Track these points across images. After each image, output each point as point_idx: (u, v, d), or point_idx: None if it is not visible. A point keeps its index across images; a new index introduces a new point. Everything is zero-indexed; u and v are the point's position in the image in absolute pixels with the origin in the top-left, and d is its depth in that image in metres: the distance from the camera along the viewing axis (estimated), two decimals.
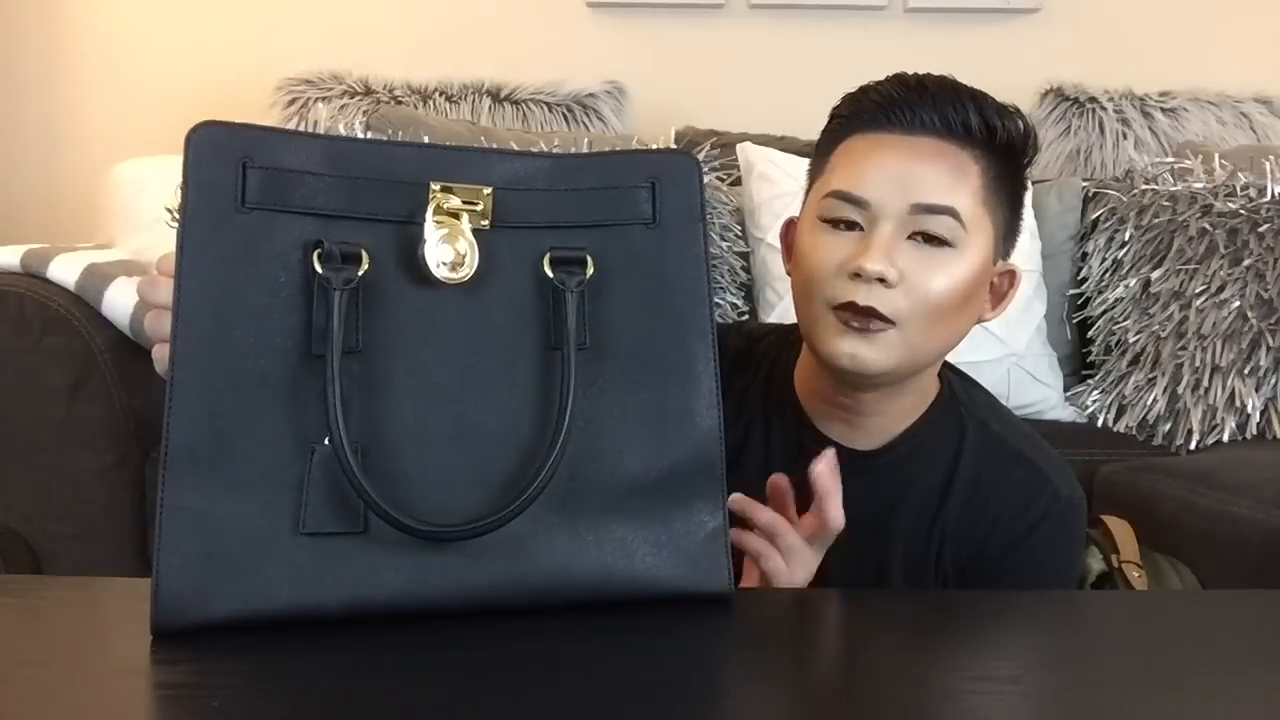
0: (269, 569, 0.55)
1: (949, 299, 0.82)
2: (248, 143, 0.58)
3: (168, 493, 0.55)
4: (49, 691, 0.51)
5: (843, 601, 0.75)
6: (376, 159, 0.60)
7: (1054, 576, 0.91)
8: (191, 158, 0.57)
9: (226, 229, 0.57)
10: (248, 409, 0.56)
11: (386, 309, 0.59)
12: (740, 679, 0.57)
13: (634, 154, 0.66)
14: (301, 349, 0.57)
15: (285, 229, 0.58)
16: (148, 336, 0.65)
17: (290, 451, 0.56)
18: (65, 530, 1.56)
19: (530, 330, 0.61)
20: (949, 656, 0.61)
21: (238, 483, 0.56)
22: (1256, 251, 1.68)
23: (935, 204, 0.81)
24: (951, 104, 0.83)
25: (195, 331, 0.56)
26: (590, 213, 0.63)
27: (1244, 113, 2.12)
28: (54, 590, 0.68)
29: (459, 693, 0.51)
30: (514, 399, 0.60)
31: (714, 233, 1.72)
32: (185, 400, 0.56)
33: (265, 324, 0.57)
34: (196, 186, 0.57)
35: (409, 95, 2.11)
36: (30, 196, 2.34)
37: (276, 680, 0.53)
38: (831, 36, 2.29)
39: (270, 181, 0.58)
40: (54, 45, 2.34)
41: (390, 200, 0.59)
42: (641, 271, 0.64)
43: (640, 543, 0.61)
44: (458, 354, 0.60)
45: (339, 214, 0.59)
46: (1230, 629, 0.66)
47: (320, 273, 0.57)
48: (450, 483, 0.58)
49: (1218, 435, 1.66)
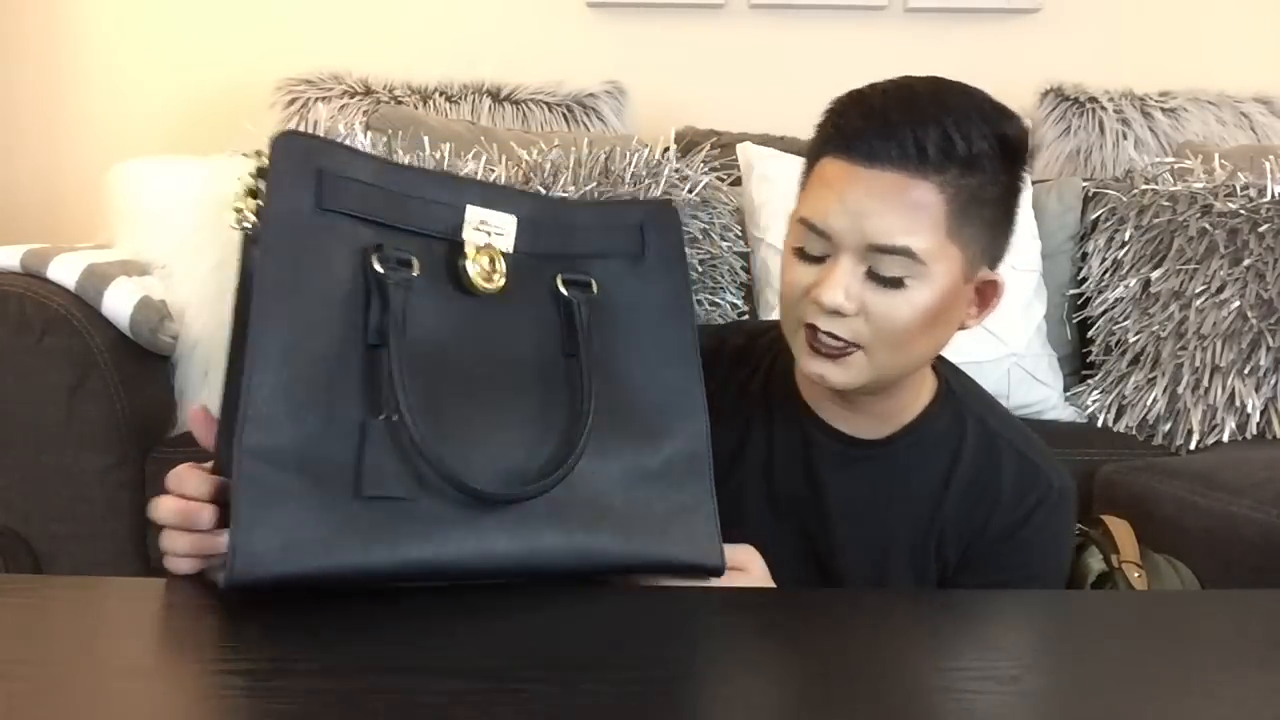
0: (332, 530, 0.61)
1: (911, 325, 0.83)
2: (321, 153, 0.67)
3: (244, 461, 0.60)
4: (49, 691, 0.51)
5: (842, 601, 0.75)
6: (421, 180, 0.70)
7: (1047, 560, 0.95)
8: (275, 163, 0.65)
9: (302, 227, 0.65)
10: (314, 382, 0.63)
11: (429, 309, 0.67)
12: (739, 678, 0.57)
13: (627, 203, 0.86)
14: (359, 337, 0.64)
15: (349, 232, 0.66)
16: (163, 552, 0.67)
17: (351, 423, 0.63)
18: (65, 530, 1.56)
19: (550, 336, 0.71)
20: (949, 656, 0.61)
21: (305, 451, 0.61)
22: (1256, 251, 1.68)
23: (889, 245, 0.81)
24: (912, 132, 0.80)
25: (271, 310, 0.63)
26: (591, 246, 0.75)
27: (1244, 113, 2.12)
28: (54, 590, 0.68)
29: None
30: (538, 392, 0.70)
31: (714, 233, 1.72)
32: (263, 372, 0.62)
33: (330, 311, 0.64)
34: (278, 189, 0.64)
35: (409, 95, 2.11)
36: (30, 196, 2.34)
37: (285, 679, 0.53)
38: (831, 36, 2.29)
39: (339, 189, 0.66)
40: (54, 45, 2.34)
41: (434, 217, 0.69)
42: (631, 297, 0.75)
43: (643, 523, 0.70)
44: (490, 352, 0.69)
45: (391, 224, 0.67)
46: (1230, 629, 0.66)
47: (380, 272, 0.65)
48: (490, 457, 0.66)
49: (1218, 435, 1.66)
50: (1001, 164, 0.83)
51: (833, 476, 0.94)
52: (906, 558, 0.93)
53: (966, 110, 0.82)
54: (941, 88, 0.84)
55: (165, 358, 1.68)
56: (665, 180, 1.66)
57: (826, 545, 0.94)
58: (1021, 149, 0.86)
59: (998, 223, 0.86)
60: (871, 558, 0.93)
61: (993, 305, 0.90)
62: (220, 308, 1.67)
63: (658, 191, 1.65)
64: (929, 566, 0.93)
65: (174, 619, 0.63)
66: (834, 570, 0.94)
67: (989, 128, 0.82)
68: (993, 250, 0.87)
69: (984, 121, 0.82)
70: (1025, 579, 0.92)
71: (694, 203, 1.68)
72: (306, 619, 0.59)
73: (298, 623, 0.58)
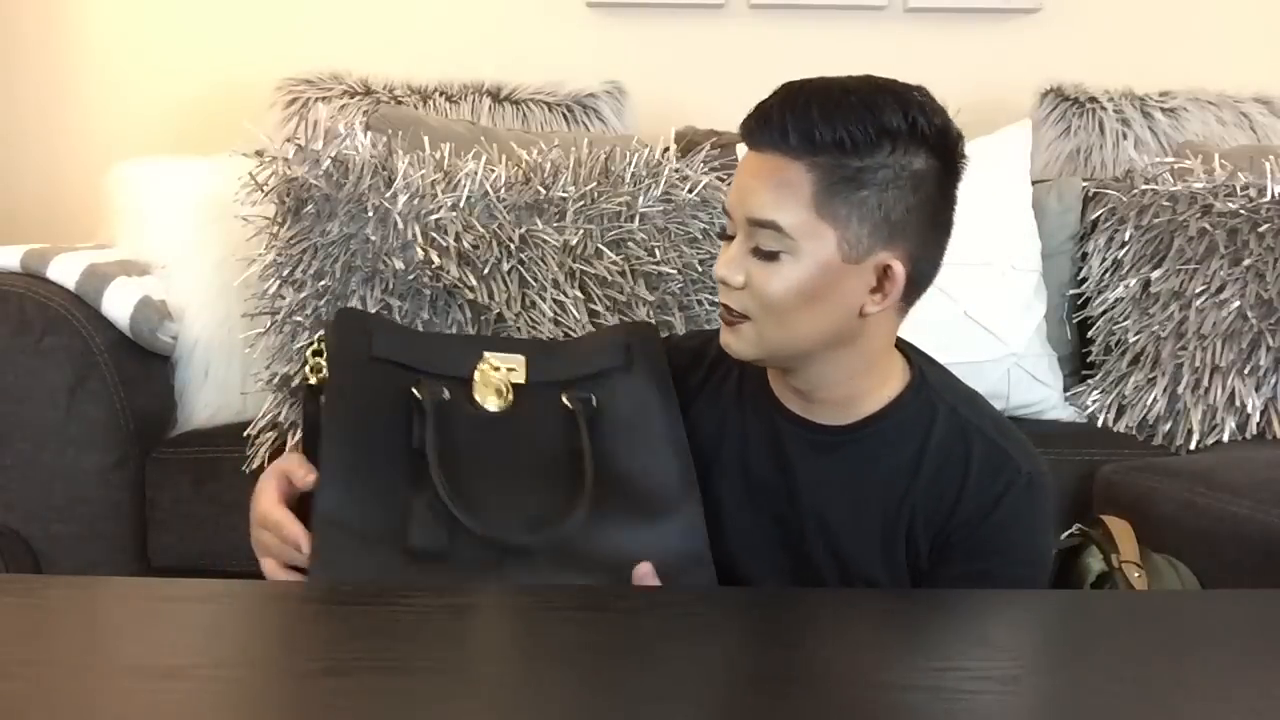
0: (383, 571, 0.82)
1: (788, 299, 0.89)
2: (369, 321, 0.98)
3: (318, 519, 0.84)
4: (50, 690, 0.51)
5: (841, 602, 0.75)
6: (447, 339, 1.02)
7: (1017, 548, 0.95)
8: (338, 325, 0.94)
9: (361, 371, 0.91)
10: (372, 472, 0.86)
11: (458, 424, 0.90)
12: (737, 679, 0.57)
13: (613, 328, 1.09)
14: (405, 443, 0.88)
15: (394, 372, 0.92)
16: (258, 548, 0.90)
17: (398, 498, 0.85)
18: (65, 530, 1.56)
19: (557, 438, 0.92)
20: (948, 657, 0.61)
21: (364, 514, 0.84)
22: (1256, 251, 1.68)
23: (759, 218, 0.89)
24: (791, 117, 0.87)
25: (341, 428, 0.88)
26: (589, 367, 0.97)
27: (1244, 113, 2.12)
28: (54, 590, 0.68)
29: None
30: (546, 476, 0.90)
31: (714, 233, 1.72)
32: (336, 465, 0.86)
33: (384, 425, 0.89)
34: (340, 346, 0.92)
35: (409, 95, 2.10)
36: (30, 196, 2.33)
37: (285, 679, 0.53)
38: (831, 36, 2.29)
39: (384, 343, 0.93)
40: (54, 45, 2.33)
41: (455, 361, 0.94)
42: (624, 400, 0.96)
43: (648, 545, 0.89)
44: (507, 451, 0.91)
45: (424, 368, 0.92)
46: (1230, 629, 0.67)
47: (420, 398, 0.89)
48: (508, 521, 0.86)
49: (1218, 435, 1.66)
50: (897, 148, 0.88)
51: (801, 463, 0.97)
52: (877, 543, 0.95)
53: (850, 101, 0.87)
54: (842, 83, 0.89)
55: (165, 358, 1.68)
56: (665, 180, 1.66)
57: (798, 531, 0.96)
58: (934, 140, 0.89)
59: (894, 205, 0.88)
60: (841, 543, 0.96)
61: (892, 292, 0.90)
62: (220, 307, 1.67)
63: (658, 192, 1.65)
64: (899, 553, 0.95)
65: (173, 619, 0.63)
66: (806, 556, 0.96)
67: (883, 116, 0.87)
68: (890, 233, 0.89)
69: (874, 110, 0.87)
70: (999, 567, 0.92)
71: (694, 203, 1.68)
72: (306, 620, 0.59)
73: (298, 623, 0.58)
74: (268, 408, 1.57)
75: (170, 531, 1.57)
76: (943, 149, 0.90)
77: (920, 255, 0.91)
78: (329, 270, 1.54)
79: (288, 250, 1.56)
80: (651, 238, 1.62)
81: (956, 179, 0.92)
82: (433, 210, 1.56)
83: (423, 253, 1.53)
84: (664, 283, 1.62)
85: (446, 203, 1.57)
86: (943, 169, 0.90)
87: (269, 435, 1.56)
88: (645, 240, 1.62)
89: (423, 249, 1.53)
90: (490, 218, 1.59)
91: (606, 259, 1.59)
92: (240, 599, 0.66)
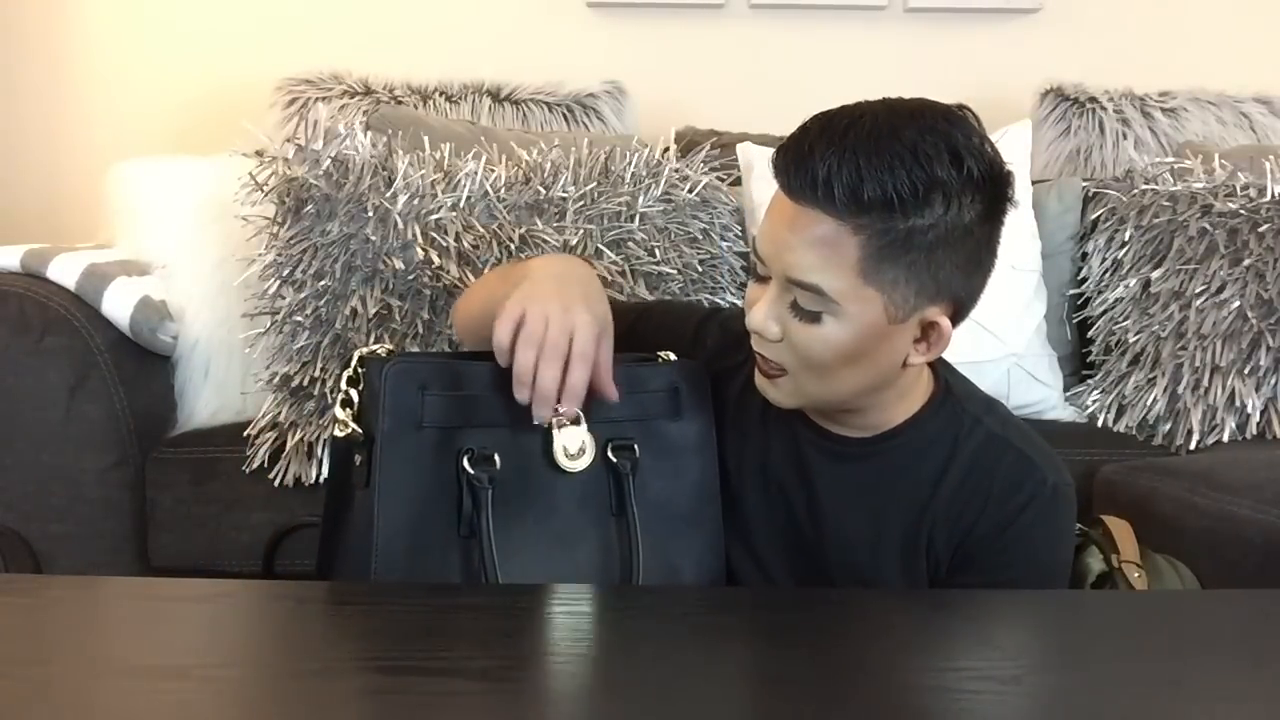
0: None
1: (829, 359, 0.85)
2: (422, 372, 0.88)
3: (379, 570, 0.84)
4: (49, 690, 0.51)
5: (843, 602, 0.75)
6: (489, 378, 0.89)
7: (1042, 560, 0.94)
8: (387, 378, 0.86)
9: (412, 428, 0.86)
10: (425, 530, 0.86)
11: (515, 487, 0.88)
12: (741, 679, 0.57)
13: (657, 366, 0.98)
14: (455, 497, 0.86)
15: (446, 436, 0.87)
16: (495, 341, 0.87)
17: (454, 557, 0.86)
18: (65, 530, 1.55)
19: (601, 493, 0.91)
20: (950, 656, 0.61)
21: (422, 567, 0.85)
22: (1256, 251, 1.68)
23: (800, 281, 0.83)
24: (833, 169, 0.79)
25: (393, 491, 0.85)
26: (632, 411, 0.93)
27: (1244, 113, 2.12)
28: (54, 590, 0.68)
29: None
30: (598, 538, 0.91)
31: (714, 233, 1.72)
32: (391, 524, 0.85)
33: (431, 491, 0.86)
34: (392, 411, 0.86)
35: (409, 95, 2.10)
36: (30, 196, 2.34)
37: (285, 679, 0.53)
38: (831, 36, 2.29)
39: (435, 406, 0.87)
40: (54, 45, 2.33)
41: (503, 414, 0.89)
42: (667, 450, 0.94)
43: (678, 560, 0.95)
44: (558, 513, 0.89)
45: (480, 425, 0.88)
46: (1230, 629, 0.67)
47: (470, 472, 0.85)
48: (557, 575, 0.87)
49: (1218, 435, 1.66)
50: (949, 203, 0.81)
51: (822, 473, 0.96)
52: (896, 555, 0.94)
53: (897, 150, 0.80)
54: (888, 124, 0.81)
55: (165, 358, 1.68)
56: (665, 180, 1.66)
57: (816, 538, 0.96)
58: (984, 185, 0.83)
59: (942, 263, 0.84)
60: (860, 553, 0.94)
61: (939, 347, 0.89)
62: (220, 307, 1.67)
63: (658, 192, 1.65)
64: (919, 565, 0.94)
65: (173, 619, 0.63)
66: (823, 563, 0.95)
67: (932, 166, 0.80)
68: (938, 290, 0.85)
69: (923, 161, 0.80)
70: (1019, 577, 0.91)
71: (694, 203, 1.68)
72: (306, 620, 0.59)
73: (297, 623, 0.58)
74: (268, 408, 1.57)
75: (170, 531, 1.57)
76: (993, 193, 0.85)
77: (966, 300, 0.88)
78: (329, 270, 1.54)
79: (288, 250, 1.56)
80: (651, 238, 1.62)
81: (1004, 215, 0.88)
82: (433, 210, 1.57)
83: (423, 253, 1.53)
84: (664, 283, 1.62)
85: (446, 203, 1.57)
86: (992, 210, 0.86)
87: (269, 435, 1.56)
88: (645, 240, 1.62)
89: (423, 249, 1.53)
90: (490, 218, 1.59)
91: (606, 259, 1.59)
92: (240, 599, 0.66)
